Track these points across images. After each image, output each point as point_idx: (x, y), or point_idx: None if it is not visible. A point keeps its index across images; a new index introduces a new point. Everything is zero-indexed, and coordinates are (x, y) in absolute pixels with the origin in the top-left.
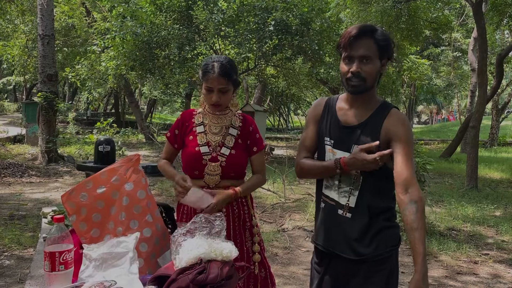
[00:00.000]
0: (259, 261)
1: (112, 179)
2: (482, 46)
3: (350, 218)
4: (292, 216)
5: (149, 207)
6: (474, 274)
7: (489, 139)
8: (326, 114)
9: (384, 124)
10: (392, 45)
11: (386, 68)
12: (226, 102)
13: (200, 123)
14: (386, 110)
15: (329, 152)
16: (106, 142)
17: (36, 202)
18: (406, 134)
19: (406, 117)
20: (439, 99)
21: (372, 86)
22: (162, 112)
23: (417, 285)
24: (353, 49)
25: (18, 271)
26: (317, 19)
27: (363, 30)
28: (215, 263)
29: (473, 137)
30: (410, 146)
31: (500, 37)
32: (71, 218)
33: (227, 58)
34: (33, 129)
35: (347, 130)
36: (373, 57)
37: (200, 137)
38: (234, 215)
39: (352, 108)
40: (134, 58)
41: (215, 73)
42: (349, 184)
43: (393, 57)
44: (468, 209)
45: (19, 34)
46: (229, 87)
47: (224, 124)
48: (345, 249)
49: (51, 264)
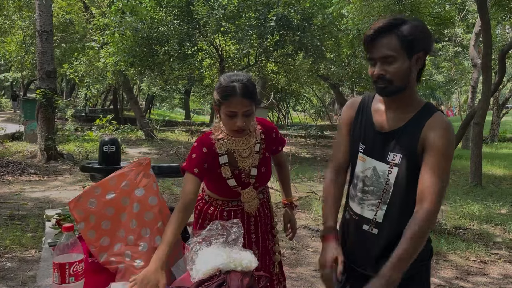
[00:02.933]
0: (279, 261)
1: (122, 185)
2: (486, 42)
3: (376, 234)
4: (296, 215)
5: (161, 213)
6: (484, 274)
7: (490, 135)
8: (360, 115)
9: (423, 130)
10: (425, 36)
11: (422, 63)
12: (249, 125)
13: (224, 152)
14: (428, 115)
15: (359, 161)
16: (111, 142)
17: (36, 201)
18: (441, 143)
19: (451, 125)
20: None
21: (404, 87)
22: (160, 108)
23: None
24: (373, 50)
25: (20, 273)
26: (319, 15)
27: (381, 29)
28: (235, 274)
29: (477, 134)
30: (442, 158)
31: (501, 32)
32: (79, 226)
33: (247, 76)
34: (31, 126)
35: (382, 136)
36: (398, 55)
37: (225, 170)
38: (261, 222)
39: (389, 110)
40: (134, 54)
41: (237, 95)
42: (377, 198)
43: (431, 48)
44: (474, 207)
45: (16, 30)
46: (253, 108)
47: (251, 143)
48: (367, 266)
49: (61, 276)
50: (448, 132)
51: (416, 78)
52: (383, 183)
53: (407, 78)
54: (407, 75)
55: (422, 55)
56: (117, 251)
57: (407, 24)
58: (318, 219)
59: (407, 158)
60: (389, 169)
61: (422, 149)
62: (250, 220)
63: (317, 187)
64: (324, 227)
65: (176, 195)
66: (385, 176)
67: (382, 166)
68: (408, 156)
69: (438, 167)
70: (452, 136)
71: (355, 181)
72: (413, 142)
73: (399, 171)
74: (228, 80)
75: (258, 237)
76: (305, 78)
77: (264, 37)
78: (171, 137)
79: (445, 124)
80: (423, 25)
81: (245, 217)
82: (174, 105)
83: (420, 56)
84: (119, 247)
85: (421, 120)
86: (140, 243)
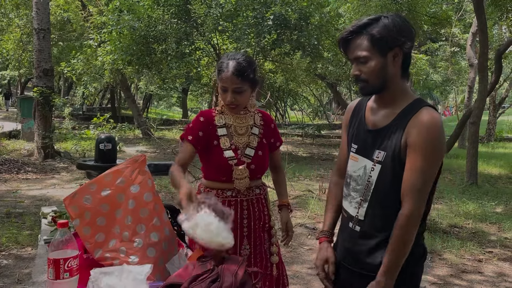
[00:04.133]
0: (276, 263)
1: (117, 181)
2: (483, 42)
3: (358, 231)
4: (293, 213)
5: (156, 210)
6: (479, 272)
7: (486, 135)
8: (355, 117)
9: (406, 127)
10: (399, 32)
11: (401, 58)
12: (242, 103)
13: (222, 124)
14: (414, 111)
15: (350, 160)
16: (107, 140)
17: (33, 199)
18: (422, 142)
19: (438, 121)
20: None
21: (382, 85)
22: (158, 107)
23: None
24: (347, 52)
25: (16, 271)
26: (316, 14)
27: (351, 31)
28: (228, 270)
29: (473, 133)
30: (423, 157)
31: (498, 32)
32: (74, 222)
33: (245, 56)
34: (28, 125)
35: (371, 134)
36: (370, 55)
37: (223, 141)
38: (255, 217)
39: (379, 108)
40: (131, 52)
41: (229, 71)
42: (360, 195)
43: (406, 44)
44: (469, 205)
45: (14, 28)
46: (245, 87)
47: (248, 123)
48: (353, 263)
49: (55, 271)
50: (431, 129)
51: (402, 73)
52: (366, 180)
53: (384, 75)
54: (384, 73)
55: (398, 51)
56: (112, 247)
57: (379, 23)
58: (314, 217)
59: (390, 156)
60: (372, 166)
61: (405, 147)
62: (243, 213)
63: (313, 185)
64: (320, 230)
65: (173, 193)
66: (368, 173)
67: (369, 164)
68: (391, 154)
69: (417, 166)
70: (437, 134)
71: (348, 180)
72: (396, 140)
73: (382, 169)
74: (226, 57)
75: (250, 232)
76: (302, 77)
77: (262, 36)
78: (169, 135)
79: (429, 121)
80: (398, 21)
81: (238, 209)
82: (171, 103)
83: (397, 53)
84: (114, 243)
85: (406, 116)
86: (135, 239)
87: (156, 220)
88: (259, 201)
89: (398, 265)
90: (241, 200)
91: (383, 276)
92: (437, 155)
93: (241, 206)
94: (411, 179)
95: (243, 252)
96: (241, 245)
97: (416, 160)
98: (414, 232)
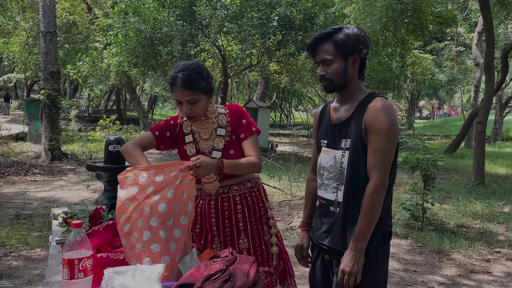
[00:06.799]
0: (277, 253)
1: (172, 174)
2: (489, 41)
3: (339, 212)
4: (299, 214)
5: (189, 210)
6: (487, 272)
7: (493, 134)
8: (322, 119)
9: (364, 115)
10: (358, 41)
11: (359, 62)
12: (199, 112)
13: (188, 132)
14: (369, 100)
15: (322, 153)
16: (116, 141)
17: (41, 201)
18: (377, 123)
19: (388, 106)
20: (441, 94)
21: (344, 84)
22: (163, 108)
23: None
24: (315, 55)
25: (26, 272)
26: (321, 15)
27: (320, 37)
28: (240, 269)
29: (480, 132)
30: (380, 137)
31: (504, 31)
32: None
33: (193, 65)
34: (35, 127)
35: (337, 128)
36: (334, 58)
37: (189, 148)
38: (249, 210)
39: (341, 105)
40: (137, 54)
41: (177, 85)
42: (336, 180)
43: (363, 50)
44: (477, 205)
45: (20, 31)
46: (198, 97)
47: (212, 127)
48: (334, 242)
49: (70, 271)
50: (384, 112)
51: (359, 75)
52: (338, 167)
53: (345, 76)
54: (345, 74)
55: (357, 56)
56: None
57: (342, 32)
58: None
59: (355, 142)
60: (342, 153)
61: (366, 130)
62: (236, 208)
63: None
64: (301, 220)
65: None
66: (340, 160)
67: (339, 153)
68: (355, 140)
69: (377, 145)
70: (389, 116)
71: (322, 172)
72: (358, 127)
73: (350, 153)
74: (174, 70)
75: (246, 225)
76: (307, 77)
77: (267, 37)
78: None
79: (381, 106)
80: (357, 32)
81: (231, 205)
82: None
83: (356, 58)
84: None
85: (363, 106)
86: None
87: (183, 218)
88: (252, 194)
89: (368, 231)
90: (233, 195)
91: (355, 242)
92: (392, 134)
93: (234, 201)
94: (374, 156)
95: (241, 246)
96: (238, 240)
97: (376, 140)
98: (381, 200)
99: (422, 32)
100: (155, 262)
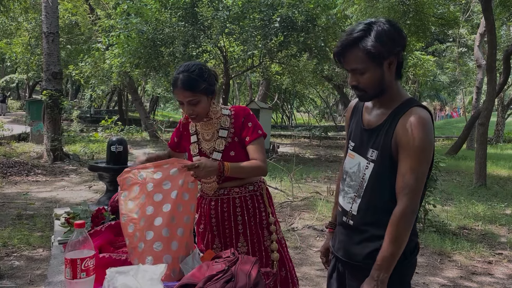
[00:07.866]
0: (278, 260)
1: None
2: (491, 42)
3: (351, 225)
4: (301, 215)
5: (192, 211)
6: (489, 274)
7: (495, 136)
8: (353, 116)
9: (396, 127)
10: (392, 42)
11: (396, 63)
12: (202, 112)
13: (194, 132)
14: (404, 110)
15: (348, 157)
16: (118, 142)
17: (43, 201)
18: (409, 141)
19: (425, 120)
20: (443, 95)
21: (380, 92)
22: (165, 109)
23: None
24: (343, 63)
25: (28, 272)
26: (323, 16)
27: (345, 44)
28: (242, 270)
29: (482, 134)
30: (411, 156)
31: (506, 32)
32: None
33: (194, 66)
34: (37, 127)
35: (367, 133)
36: (367, 67)
37: (193, 148)
38: (249, 213)
39: (374, 108)
40: (139, 55)
41: (178, 86)
42: (354, 191)
43: (399, 53)
44: (479, 207)
45: (22, 31)
46: (199, 98)
47: (215, 128)
48: (346, 254)
49: (73, 271)
50: (419, 128)
51: (396, 75)
52: (360, 177)
53: (381, 84)
54: (381, 82)
55: (393, 59)
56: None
57: (372, 33)
58: (322, 219)
59: (382, 155)
60: (367, 164)
61: (396, 146)
62: (236, 211)
63: (321, 187)
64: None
65: None
66: (363, 171)
67: (363, 162)
68: (383, 153)
69: (407, 166)
70: (425, 132)
71: (344, 176)
72: (388, 139)
73: (374, 167)
74: (176, 72)
75: (245, 229)
76: (309, 79)
77: (268, 38)
78: None
79: (416, 120)
80: (391, 29)
81: (230, 207)
82: (178, 106)
83: (392, 61)
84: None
85: (397, 115)
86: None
87: (187, 218)
88: (253, 197)
89: (393, 261)
90: (233, 197)
91: (377, 271)
92: (426, 154)
93: (234, 203)
94: (403, 178)
95: (239, 249)
96: (237, 243)
97: (406, 158)
98: (409, 228)
99: (424, 34)
100: (157, 260)
